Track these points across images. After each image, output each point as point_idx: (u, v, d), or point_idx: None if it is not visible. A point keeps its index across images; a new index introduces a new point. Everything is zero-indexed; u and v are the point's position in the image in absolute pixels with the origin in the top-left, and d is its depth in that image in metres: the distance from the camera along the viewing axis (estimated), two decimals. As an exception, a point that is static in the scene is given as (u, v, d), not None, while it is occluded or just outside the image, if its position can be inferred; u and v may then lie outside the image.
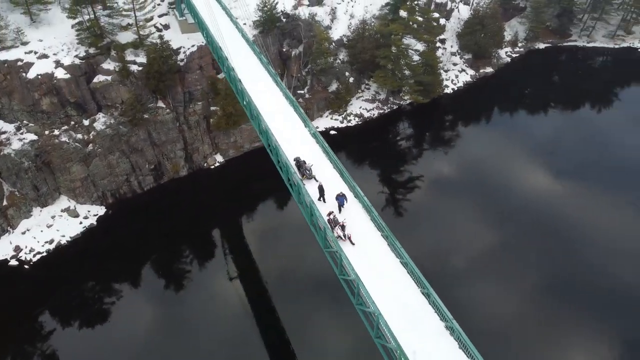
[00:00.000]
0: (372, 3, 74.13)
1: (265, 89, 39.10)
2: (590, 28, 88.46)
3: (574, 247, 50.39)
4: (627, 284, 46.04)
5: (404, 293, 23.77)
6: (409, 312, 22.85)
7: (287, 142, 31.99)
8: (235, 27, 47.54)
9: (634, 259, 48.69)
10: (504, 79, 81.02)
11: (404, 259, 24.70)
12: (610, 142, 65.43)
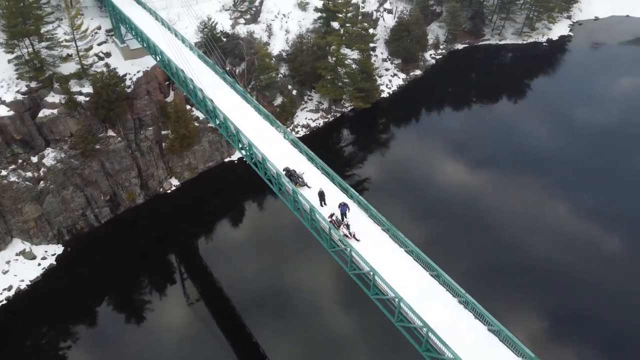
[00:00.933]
0: (304, 18, 76.83)
1: (236, 105, 40.11)
2: (500, 27, 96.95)
3: (496, 230, 55.00)
4: (545, 258, 50.97)
5: (414, 278, 25.88)
6: (423, 294, 24.95)
7: (273, 154, 33.21)
8: (190, 48, 47.98)
9: (549, 236, 54.05)
10: (431, 79, 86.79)
11: (409, 247, 26.89)
12: (521, 132, 72.15)
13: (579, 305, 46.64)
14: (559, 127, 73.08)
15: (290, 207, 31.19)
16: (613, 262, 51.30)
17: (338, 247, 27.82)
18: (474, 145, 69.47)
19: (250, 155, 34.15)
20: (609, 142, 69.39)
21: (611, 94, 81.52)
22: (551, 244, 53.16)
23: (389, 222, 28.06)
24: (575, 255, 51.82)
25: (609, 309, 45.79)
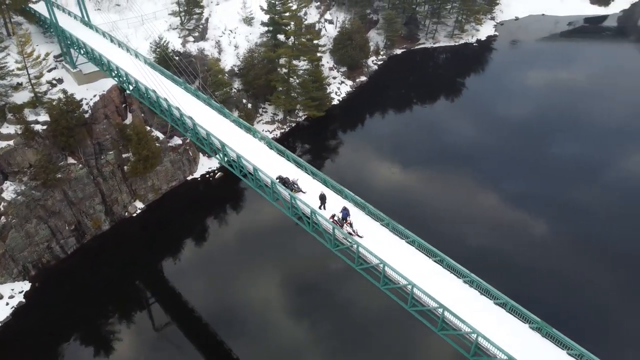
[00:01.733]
0: (251, 32, 78.08)
1: (215, 119, 40.77)
2: (433, 31, 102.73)
3: (432, 222, 56.82)
4: (479, 246, 54.01)
5: (419, 265, 27.87)
6: (429, 279, 26.95)
7: (263, 164, 34.27)
8: (153, 67, 47.94)
9: (481, 224, 57.65)
10: (375, 84, 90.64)
11: (411, 238, 28.92)
12: (454, 129, 76.68)
13: (515, 286, 49.56)
14: (487, 123, 78.54)
15: (288, 214, 32.32)
16: (542, 244, 55.07)
17: (343, 246, 29.34)
18: (413, 143, 73.23)
19: (240, 167, 34.96)
20: (530, 133, 75.00)
21: (531, 87, 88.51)
22: (484, 231, 56.39)
23: (388, 217, 29.97)
24: (505, 239, 55.44)
25: (541, 287, 48.68)
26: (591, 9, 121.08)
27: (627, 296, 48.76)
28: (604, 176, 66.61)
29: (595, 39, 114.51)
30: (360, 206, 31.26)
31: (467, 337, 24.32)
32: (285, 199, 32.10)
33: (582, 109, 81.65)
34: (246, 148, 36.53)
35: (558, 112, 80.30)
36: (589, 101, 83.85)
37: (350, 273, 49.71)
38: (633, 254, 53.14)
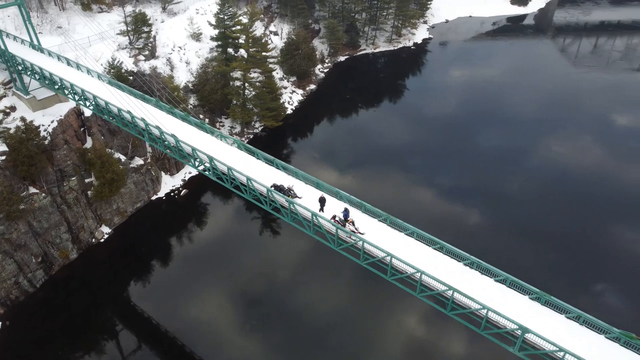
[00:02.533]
0: (200, 48, 78.16)
1: (195, 134, 41.11)
2: (373, 37, 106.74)
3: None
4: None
5: (420, 254, 29.90)
6: (432, 265, 29.03)
7: (256, 174, 35.18)
8: (119, 88, 47.37)
9: (418, 215, 59.13)
10: (324, 91, 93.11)
11: (410, 230, 30.94)
12: (393, 129, 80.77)
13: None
14: (421, 121, 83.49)
15: (287, 220, 33.40)
16: (474, 231, 58.90)
17: (347, 244, 30.87)
18: (358, 147, 76.21)
19: (232, 179, 35.63)
20: (458, 128, 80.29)
21: (460, 84, 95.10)
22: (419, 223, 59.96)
23: (385, 213, 31.85)
24: (439, 228, 59.10)
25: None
26: (512, 9, 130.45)
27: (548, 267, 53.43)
28: (524, 163, 72.26)
29: (516, 36, 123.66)
30: (357, 205, 32.90)
31: (477, 313, 26.53)
32: (283, 205, 33.17)
33: (504, 102, 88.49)
34: (236, 160, 37.24)
35: (483, 106, 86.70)
36: (509, 94, 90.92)
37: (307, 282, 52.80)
38: (553, 231, 58.13)
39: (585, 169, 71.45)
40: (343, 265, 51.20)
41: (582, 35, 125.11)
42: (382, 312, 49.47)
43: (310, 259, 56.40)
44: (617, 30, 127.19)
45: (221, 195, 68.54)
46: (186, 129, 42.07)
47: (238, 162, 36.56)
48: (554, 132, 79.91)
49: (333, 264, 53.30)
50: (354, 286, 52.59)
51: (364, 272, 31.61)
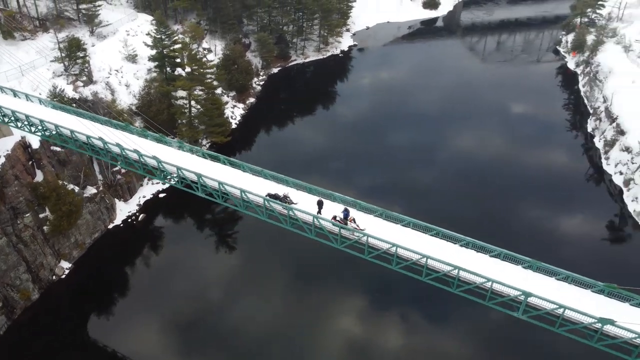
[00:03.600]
0: (138, 70, 76.80)
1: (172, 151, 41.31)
2: (302, 48, 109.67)
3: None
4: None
5: (419, 241, 32.47)
6: (432, 250, 31.67)
7: (248, 185, 36.16)
8: (79, 116, 46.14)
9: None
10: (263, 103, 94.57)
11: (405, 221, 33.46)
12: (318, 136, 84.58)
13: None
14: (346, 125, 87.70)
15: (286, 227, 34.69)
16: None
17: (350, 241, 32.79)
18: (295, 154, 78.69)
19: (224, 194, 36.33)
20: (378, 128, 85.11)
21: (379, 86, 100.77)
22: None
23: (381, 208, 34.16)
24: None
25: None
26: (424, 12, 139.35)
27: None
28: (437, 156, 78.09)
29: (430, 37, 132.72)
30: (352, 204, 34.92)
31: (481, 287, 29.49)
32: (281, 213, 34.47)
33: (419, 100, 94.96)
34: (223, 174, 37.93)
35: (401, 106, 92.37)
36: (424, 92, 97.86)
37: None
38: (467, 214, 63.41)
39: (489, 157, 78.06)
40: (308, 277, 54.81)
41: (487, 34, 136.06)
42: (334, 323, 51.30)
43: (266, 273, 57.07)
44: (516, 27, 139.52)
45: (179, 216, 68.05)
46: (160, 149, 42.07)
47: (226, 176, 37.31)
48: (465, 125, 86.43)
49: (300, 278, 55.63)
50: (322, 301, 53.71)
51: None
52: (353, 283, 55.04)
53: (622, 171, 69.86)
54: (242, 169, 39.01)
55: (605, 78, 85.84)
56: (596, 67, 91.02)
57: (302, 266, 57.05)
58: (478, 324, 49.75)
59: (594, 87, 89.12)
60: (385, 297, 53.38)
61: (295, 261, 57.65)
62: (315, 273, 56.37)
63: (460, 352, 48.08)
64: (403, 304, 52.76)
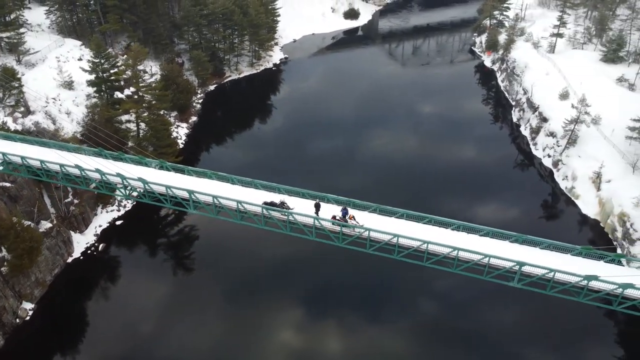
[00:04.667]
0: (77, 96, 74.16)
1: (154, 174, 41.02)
2: (236, 63, 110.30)
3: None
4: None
5: (415, 230, 35.07)
6: (429, 236, 34.35)
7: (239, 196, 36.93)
8: (43, 143, 44.43)
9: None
10: (205, 122, 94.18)
11: (399, 213, 35.89)
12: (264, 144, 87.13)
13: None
14: (278, 135, 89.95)
15: (286, 232, 35.90)
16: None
17: (351, 238, 34.68)
18: (244, 166, 77.09)
19: (218, 208, 36.85)
20: (306, 136, 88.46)
21: (310, 95, 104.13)
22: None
23: (375, 204, 36.37)
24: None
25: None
26: (346, 23, 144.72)
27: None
28: (362, 157, 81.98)
29: (353, 46, 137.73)
30: (346, 203, 36.81)
31: (480, 263, 32.51)
32: (281, 219, 35.66)
33: (344, 106, 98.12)
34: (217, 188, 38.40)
35: (327, 113, 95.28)
36: (348, 98, 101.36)
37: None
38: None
39: (426, 154, 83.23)
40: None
41: (404, 39, 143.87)
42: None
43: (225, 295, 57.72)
44: (430, 32, 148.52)
45: (138, 242, 66.55)
46: (141, 170, 41.69)
47: (220, 191, 37.87)
48: (398, 127, 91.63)
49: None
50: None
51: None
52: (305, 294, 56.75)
53: (550, 154, 77.43)
54: (230, 181, 39.61)
55: (522, 72, 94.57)
56: (512, 63, 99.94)
57: (259, 282, 57.96)
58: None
59: (513, 81, 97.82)
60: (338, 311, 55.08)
61: (250, 278, 58.41)
62: (276, 288, 57.07)
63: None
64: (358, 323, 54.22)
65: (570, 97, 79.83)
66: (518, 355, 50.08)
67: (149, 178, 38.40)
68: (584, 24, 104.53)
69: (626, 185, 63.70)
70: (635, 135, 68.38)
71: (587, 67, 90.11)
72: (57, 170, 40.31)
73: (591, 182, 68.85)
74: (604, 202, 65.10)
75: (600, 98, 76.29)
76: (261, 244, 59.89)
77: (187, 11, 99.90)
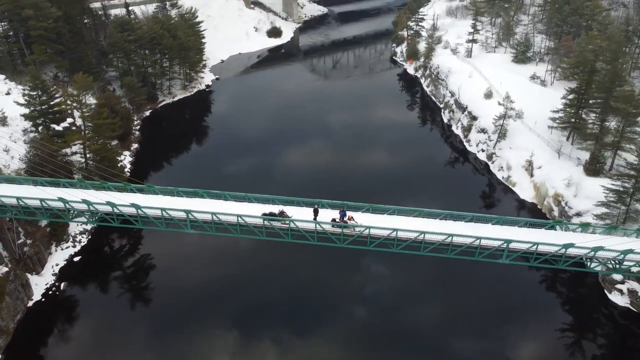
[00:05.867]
0: (13, 132, 70.20)
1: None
2: (168, 87, 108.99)
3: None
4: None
5: (406, 223, 37.97)
6: (422, 226, 37.40)
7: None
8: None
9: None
10: (145, 148, 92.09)
11: (390, 210, 38.65)
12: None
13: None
14: (209, 156, 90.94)
15: (288, 240, 37.35)
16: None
17: (352, 237, 36.88)
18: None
19: (216, 226, 37.53)
20: (230, 155, 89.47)
21: (240, 113, 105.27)
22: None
23: (367, 204, 38.83)
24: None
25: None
26: (270, 41, 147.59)
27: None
28: (299, 169, 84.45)
29: (277, 63, 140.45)
30: (340, 207, 38.97)
31: (472, 245, 35.97)
32: (281, 228, 37.10)
33: (272, 121, 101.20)
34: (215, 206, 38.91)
35: (252, 131, 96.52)
36: (274, 114, 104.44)
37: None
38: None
39: (365, 161, 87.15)
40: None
41: (325, 54, 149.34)
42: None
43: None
44: (349, 45, 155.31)
45: (99, 276, 63.95)
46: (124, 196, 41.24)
47: (218, 208, 38.55)
48: (333, 137, 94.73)
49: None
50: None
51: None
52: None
53: (484, 149, 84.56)
54: (223, 197, 40.36)
55: (446, 77, 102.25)
56: (436, 69, 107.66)
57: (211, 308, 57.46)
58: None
59: (439, 85, 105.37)
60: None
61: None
62: (215, 311, 56.78)
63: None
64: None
65: (494, 96, 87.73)
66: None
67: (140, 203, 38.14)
68: (492, 30, 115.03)
69: (555, 169, 71.32)
70: (555, 125, 76.83)
71: (502, 68, 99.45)
72: (38, 205, 38.67)
73: (524, 170, 76.18)
74: (539, 186, 72.36)
75: (519, 95, 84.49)
76: (206, 266, 61.48)
77: (115, 38, 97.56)
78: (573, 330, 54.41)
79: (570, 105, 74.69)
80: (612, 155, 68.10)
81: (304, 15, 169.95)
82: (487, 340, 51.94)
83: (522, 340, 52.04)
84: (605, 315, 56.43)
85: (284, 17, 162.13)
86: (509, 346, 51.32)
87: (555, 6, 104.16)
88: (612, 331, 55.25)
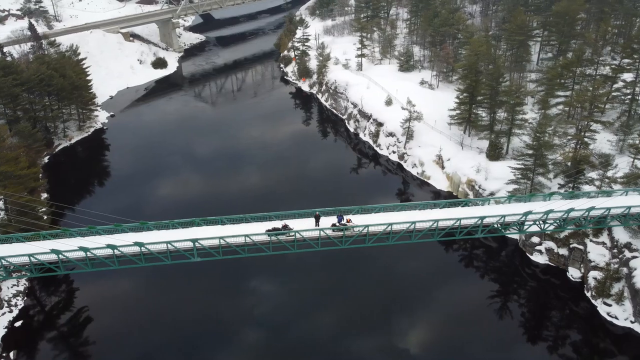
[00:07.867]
0: None
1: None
2: (63, 130, 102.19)
3: None
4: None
5: (401, 217, 42.66)
6: (416, 218, 42.27)
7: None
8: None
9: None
10: (55, 196, 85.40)
11: (377, 208, 42.99)
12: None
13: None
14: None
15: (294, 251, 39.86)
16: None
17: (352, 237, 40.56)
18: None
19: (225, 248, 38.75)
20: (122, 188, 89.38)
21: (137, 147, 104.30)
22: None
23: (357, 206, 42.78)
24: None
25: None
26: (156, 72, 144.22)
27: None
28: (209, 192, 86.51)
29: (165, 94, 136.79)
30: (332, 212, 42.40)
31: (454, 226, 41.76)
32: (288, 241, 39.56)
33: (162, 152, 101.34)
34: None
35: (145, 162, 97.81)
36: (165, 144, 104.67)
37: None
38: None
39: (257, 179, 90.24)
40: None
41: (211, 80, 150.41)
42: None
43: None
44: (232, 70, 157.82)
45: (46, 337, 59.52)
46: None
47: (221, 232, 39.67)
48: (238, 162, 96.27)
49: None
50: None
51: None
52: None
53: (394, 150, 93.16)
54: (219, 222, 41.52)
55: (345, 90, 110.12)
56: (333, 84, 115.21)
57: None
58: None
59: (338, 99, 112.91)
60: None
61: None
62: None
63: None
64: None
65: (394, 102, 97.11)
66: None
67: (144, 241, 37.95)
68: (372, 45, 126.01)
69: (462, 159, 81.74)
70: (453, 122, 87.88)
71: (392, 77, 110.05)
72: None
73: (435, 164, 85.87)
74: (451, 176, 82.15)
75: (414, 99, 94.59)
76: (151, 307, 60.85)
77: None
78: (504, 293, 63.22)
79: (463, 103, 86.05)
80: (506, 142, 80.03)
81: (184, 43, 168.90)
82: (425, 312, 58.26)
83: (456, 307, 58.25)
84: (529, 274, 66.37)
85: (164, 47, 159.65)
86: (445, 314, 57.62)
87: (427, 20, 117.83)
88: (537, 285, 65.21)
